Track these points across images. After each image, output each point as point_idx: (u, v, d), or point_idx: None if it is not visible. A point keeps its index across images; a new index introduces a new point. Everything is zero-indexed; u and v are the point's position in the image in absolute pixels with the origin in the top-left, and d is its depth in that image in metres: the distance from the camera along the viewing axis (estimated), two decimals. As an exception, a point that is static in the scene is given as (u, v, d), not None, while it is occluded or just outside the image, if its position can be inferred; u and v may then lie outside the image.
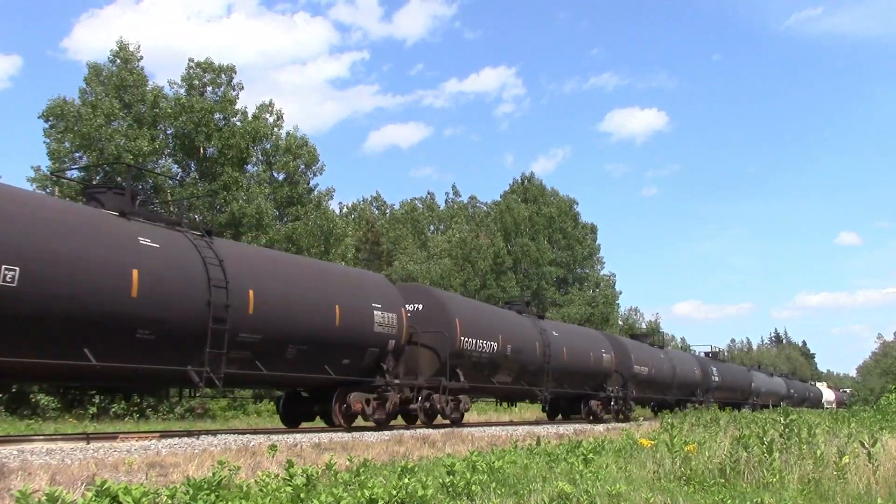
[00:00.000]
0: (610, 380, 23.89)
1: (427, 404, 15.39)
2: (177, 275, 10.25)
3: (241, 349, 11.06)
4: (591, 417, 22.94)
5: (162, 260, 10.11)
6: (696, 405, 29.08)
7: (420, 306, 15.98)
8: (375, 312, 13.75)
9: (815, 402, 60.85)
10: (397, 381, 14.33)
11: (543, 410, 25.44)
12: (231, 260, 11.19)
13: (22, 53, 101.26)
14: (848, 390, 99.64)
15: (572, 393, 22.36)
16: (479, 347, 16.91)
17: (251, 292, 11.22)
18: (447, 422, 16.45)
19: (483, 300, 39.15)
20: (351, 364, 13.30)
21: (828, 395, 73.61)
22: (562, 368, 20.79)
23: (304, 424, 14.82)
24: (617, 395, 24.14)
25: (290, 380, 12.77)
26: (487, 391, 19.43)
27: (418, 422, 16.25)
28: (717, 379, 35.05)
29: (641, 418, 21.14)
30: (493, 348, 17.45)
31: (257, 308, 11.25)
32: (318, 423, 15.05)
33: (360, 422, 14.29)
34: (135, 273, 9.54)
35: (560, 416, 24.51)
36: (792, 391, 51.61)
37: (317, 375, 12.74)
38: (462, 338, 16.12)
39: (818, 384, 79.51)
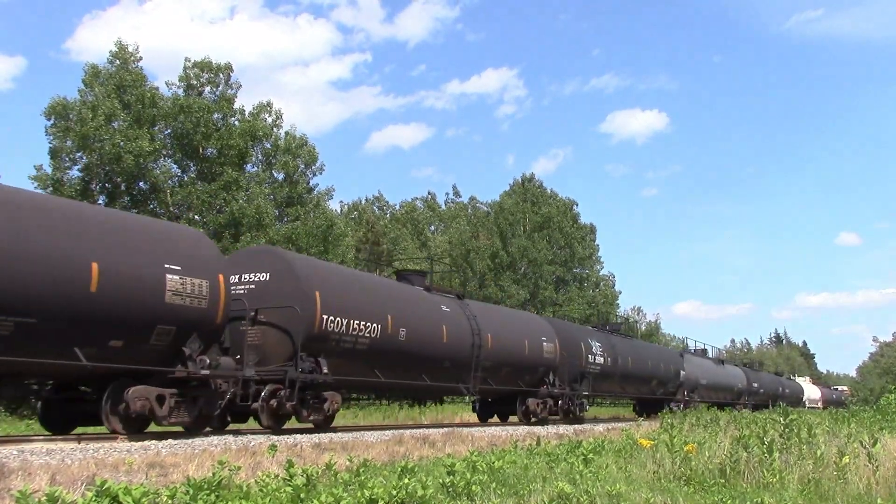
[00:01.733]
0: None
1: (273, 403, 12.07)
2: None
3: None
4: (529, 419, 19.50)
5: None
6: (545, 400, 20.00)
7: (267, 275, 12.74)
8: (170, 276, 10.29)
9: (793, 401, 51.02)
10: (205, 372, 10.82)
11: (473, 411, 22.53)
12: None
13: (26, 55, 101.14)
14: (840, 388, 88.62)
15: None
16: (354, 330, 13.38)
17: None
18: (309, 426, 13.25)
19: (480, 300, 39.14)
20: (125, 347, 9.90)
21: (811, 392, 63.65)
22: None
23: (78, 431, 11.18)
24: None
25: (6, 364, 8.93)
26: (375, 387, 16.24)
27: (265, 425, 12.39)
28: (600, 360, 23.10)
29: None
30: (376, 332, 13.94)
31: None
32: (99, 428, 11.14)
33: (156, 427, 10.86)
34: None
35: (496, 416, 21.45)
36: (755, 385, 42.69)
37: (65, 362, 9.30)
38: (325, 316, 12.66)
39: (798, 379, 68.85)
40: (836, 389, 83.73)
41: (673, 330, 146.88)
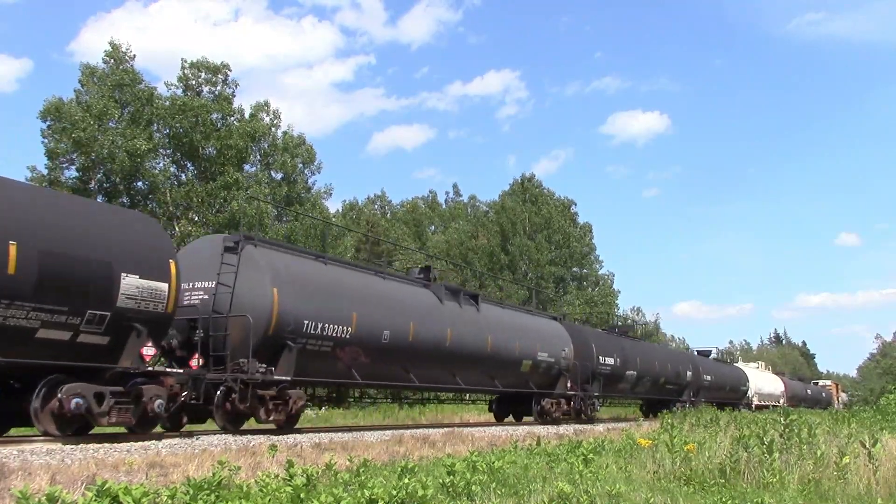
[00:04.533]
0: None
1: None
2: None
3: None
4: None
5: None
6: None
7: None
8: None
9: (725, 396, 36.49)
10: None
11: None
12: None
13: (31, 56, 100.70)
14: (822, 383, 73.76)
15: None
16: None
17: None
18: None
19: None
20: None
21: (764, 383, 45.08)
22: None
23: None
24: None
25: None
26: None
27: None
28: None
29: None
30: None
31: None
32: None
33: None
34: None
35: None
36: (618, 362, 24.62)
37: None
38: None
39: (748, 366, 48.26)
40: (816, 384, 68.59)
41: (673, 330, 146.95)
